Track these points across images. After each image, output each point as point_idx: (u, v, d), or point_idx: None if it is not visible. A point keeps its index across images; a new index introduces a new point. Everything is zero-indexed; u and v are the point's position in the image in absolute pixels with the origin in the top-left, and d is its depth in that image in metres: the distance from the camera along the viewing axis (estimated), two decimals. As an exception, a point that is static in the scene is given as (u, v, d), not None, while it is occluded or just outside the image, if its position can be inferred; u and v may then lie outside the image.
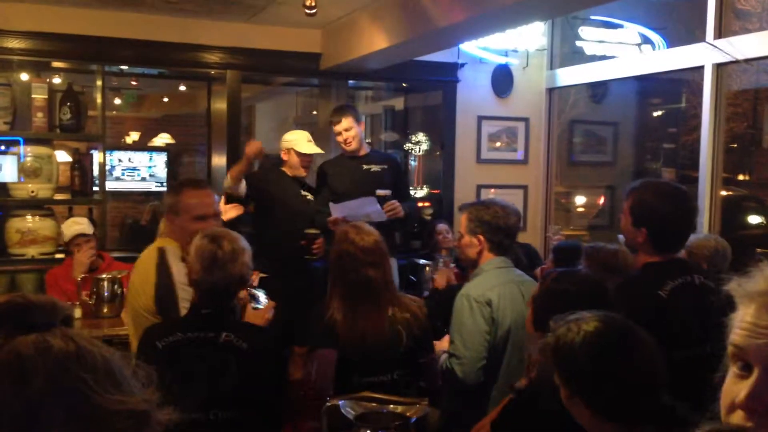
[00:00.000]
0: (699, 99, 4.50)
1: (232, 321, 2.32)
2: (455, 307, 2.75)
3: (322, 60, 5.07)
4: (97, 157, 4.98)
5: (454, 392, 2.78)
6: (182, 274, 2.52)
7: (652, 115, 7.16)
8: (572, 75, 5.58)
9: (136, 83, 6.82)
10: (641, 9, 5.64)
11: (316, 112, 6.38)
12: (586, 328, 1.60)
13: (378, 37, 4.30)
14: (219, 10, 4.52)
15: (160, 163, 7.37)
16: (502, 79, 5.59)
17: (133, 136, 8.95)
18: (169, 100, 9.07)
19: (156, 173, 7.33)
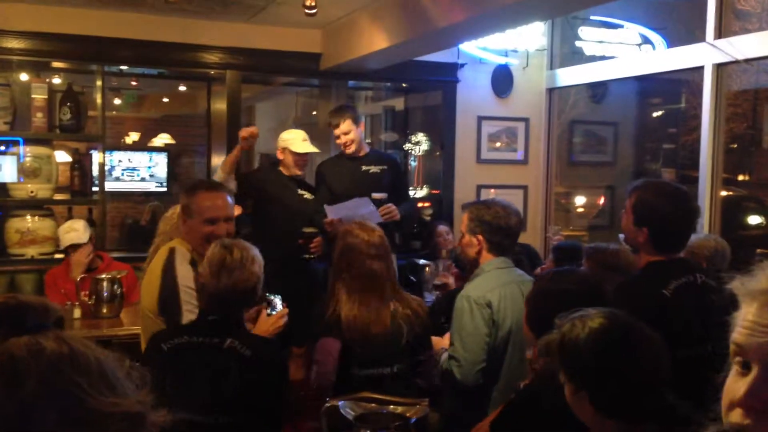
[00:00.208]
0: (699, 99, 4.49)
1: (239, 329, 2.32)
2: (455, 308, 2.75)
3: (322, 60, 5.06)
4: (96, 158, 4.98)
5: (455, 393, 2.77)
6: (187, 278, 2.52)
7: (652, 116, 7.15)
8: (572, 75, 5.57)
9: (136, 83, 6.81)
10: (641, 9, 5.64)
11: (316, 113, 6.37)
12: (592, 325, 1.61)
13: (378, 37, 4.30)
14: (219, 10, 4.51)
15: (159, 164, 7.37)
16: (502, 80, 5.58)
17: (133, 137, 8.94)
18: (168, 101, 9.06)
19: (156, 173, 7.33)
